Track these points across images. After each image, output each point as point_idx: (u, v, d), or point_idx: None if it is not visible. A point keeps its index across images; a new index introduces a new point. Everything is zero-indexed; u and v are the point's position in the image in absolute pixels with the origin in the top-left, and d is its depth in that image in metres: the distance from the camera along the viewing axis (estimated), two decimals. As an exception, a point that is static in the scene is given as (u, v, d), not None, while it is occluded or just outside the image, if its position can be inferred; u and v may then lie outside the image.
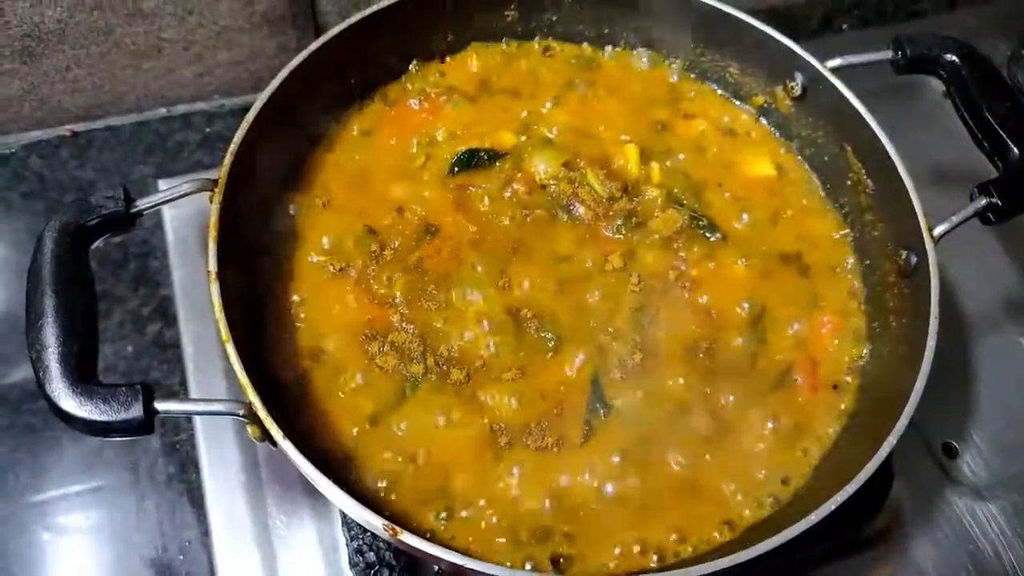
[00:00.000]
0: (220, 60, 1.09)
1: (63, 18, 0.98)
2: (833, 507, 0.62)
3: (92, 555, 0.86)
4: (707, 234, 0.85)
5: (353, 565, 0.78)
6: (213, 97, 1.13)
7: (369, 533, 0.78)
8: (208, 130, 1.12)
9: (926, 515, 0.87)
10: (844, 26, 1.32)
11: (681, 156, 0.90)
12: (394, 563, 0.77)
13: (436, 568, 0.74)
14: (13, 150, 1.08)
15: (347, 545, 0.79)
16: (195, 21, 1.04)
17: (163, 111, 1.13)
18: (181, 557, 0.85)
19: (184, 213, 0.98)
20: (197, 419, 0.89)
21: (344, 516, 0.81)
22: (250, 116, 0.78)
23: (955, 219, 0.74)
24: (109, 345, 0.96)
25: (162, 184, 1.04)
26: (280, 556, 0.82)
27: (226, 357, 0.67)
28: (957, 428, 0.92)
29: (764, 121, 0.95)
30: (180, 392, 0.92)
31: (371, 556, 0.77)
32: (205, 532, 0.85)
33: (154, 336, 0.97)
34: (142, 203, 0.72)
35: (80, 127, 1.11)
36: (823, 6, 1.31)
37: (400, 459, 0.73)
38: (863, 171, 0.85)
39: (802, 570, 0.81)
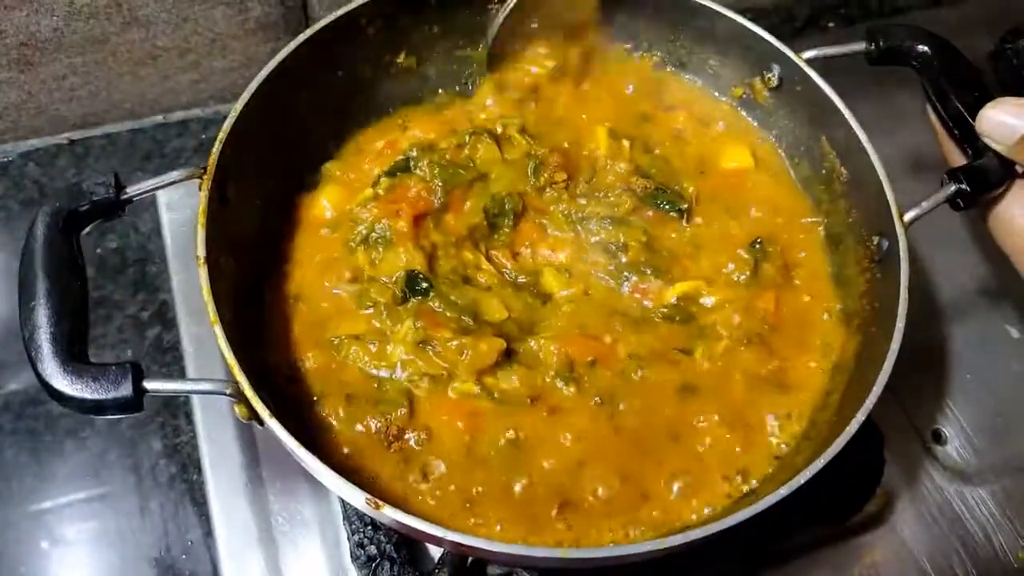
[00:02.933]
0: (215, 67, 1.11)
1: (59, 27, 0.99)
2: (803, 480, 0.63)
3: (96, 557, 0.87)
4: (669, 209, 0.87)
5: (355, 559, 0.79)
6: (209, 103, 1.15)
7: (369, 526, 0.80)
8: (204, 136, 1.13)
9: (917, 500, 0.89)
10: (830, 24, 1.34)
11: (657, 151, 0.92)
12: (395, 556, 0.78)
13: (438, 559, 0.75)
14: (11, 158, 1.09)
15: (348, 539, 0.80)
16: (190, 28, 1.05)
17: (159, 118, 1.14)
18: (184, 557, 0.86)
19: (182, 217, 0.99)
20: (199, 419, 0.90)
21: (345, 510, 0.82)
22: (238, 105, 0.79)
23: (925, 205, 0.75)
24: (109, 349, 0.97)
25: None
26: (283, 553, 0.83)
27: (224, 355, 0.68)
28: (945, 415, 0.94)
29: (744, 113, 0.96)
30: (182, 397, 0.94)
31: (372, 550, 0.79)
32: (208, 532, 0.86)
33: (153, 339, 0.98)
34: (132, 190, 0.74)
35: (77, 135, 1.12)
36: (809, 4, 1.34)
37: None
38: (837, 160, 0.86)
39: (795, 555, 0.83)
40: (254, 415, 0.67)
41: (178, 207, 1.00)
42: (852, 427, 0.65)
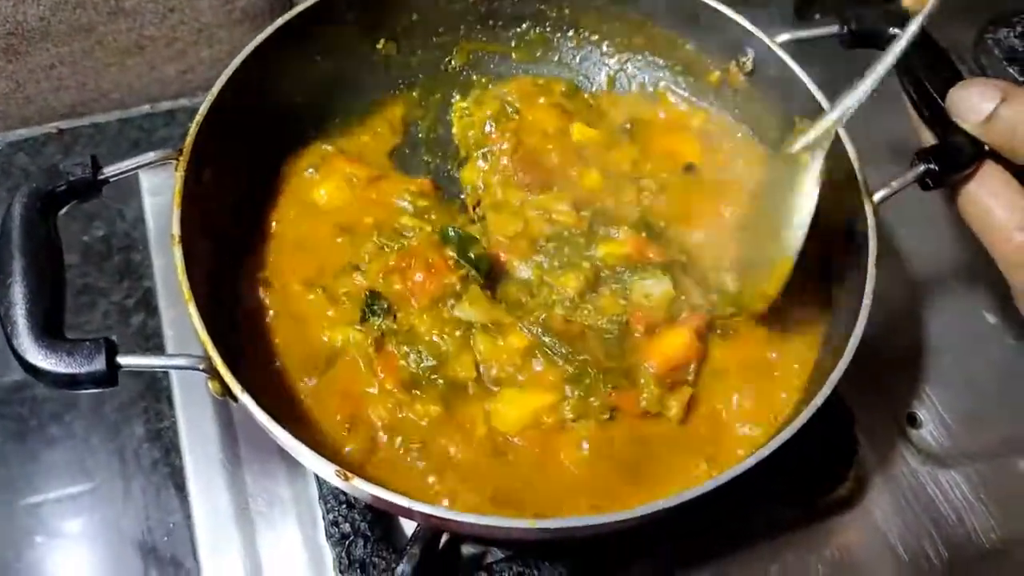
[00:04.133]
0: (202, 57, 1.12)
1: (45, 15, 1.00)
2: (767, 452, 0.64)
3: (81, 544, 0.87)
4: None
5: (329, 537, 0.80)
6: (196, 93, 1.15)
7: (344, 505, 0.80)
8: (191, 125, 1.14)
9: (890, 482, 0.89)
10: (816, 16, 1.34)
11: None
12: (369, 533, 0.79)
13: (411, 535, 0.76)
14: (0, 148, 1.10)
15: (323, 518, 0.81)
16: (176, 18, 1.06)
17: (147, 107, 1.15)
18: (166, 539, 0.87)
19: (165, 200, 0.99)
20: (178, 402, 0.91)
21: (320, 489, 0.82)
22: (215, 89, 0.81)
23: (895, 184, 0.76)
24: (92, 335, 0.97)
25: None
26: (260, 534, 0.84)
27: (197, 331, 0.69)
28: (920, 398, 0.94)
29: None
30: (162, 377, 0.94)
31: (346, 527, 0.79)
32: (188, 515, 0.87)
33: (138, 326, 0.99)
34: (109, 170, 0.74)
35: (65, 124, 1.13)
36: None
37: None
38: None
39: (768, 535, 0.83)
40: (227, 391, 0.68)
41: (161, 191, 1.01)
42: (817, 399, 0.66)
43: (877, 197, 0.76)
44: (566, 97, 0.98)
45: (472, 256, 0.80)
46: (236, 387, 0.66)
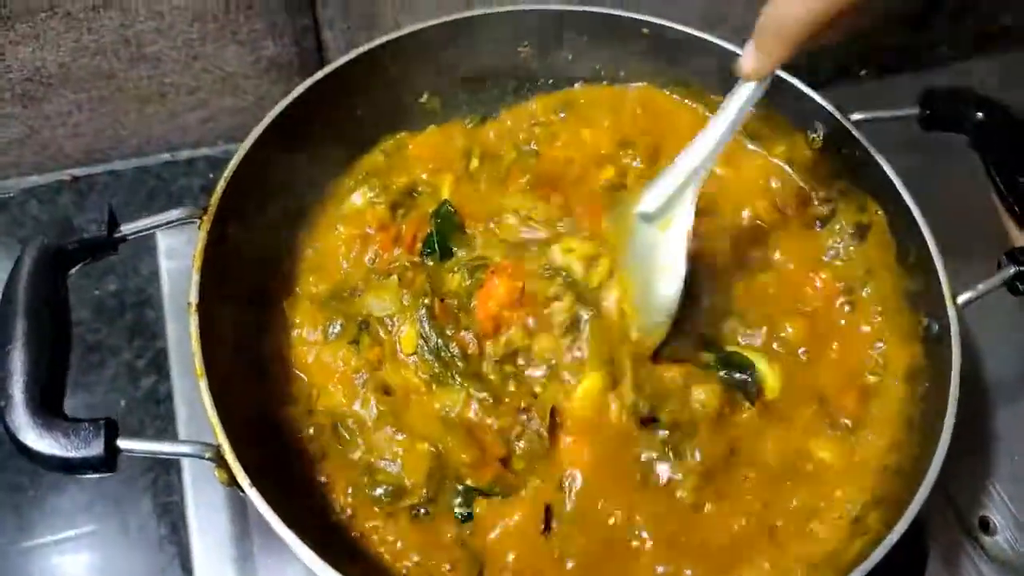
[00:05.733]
0: (225, 106, 1.07)
1: (65, 62, 0.96)
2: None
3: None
4: None
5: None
6: (217, 143, 1.11)
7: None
8: (212, 176, 1.09)
9: (962, 595, 0.82)
10: (862, 72, 1.28)
11: None
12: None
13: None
14: (12, 195, 1.06)
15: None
16: (200, 66, 1.02)
17: (166, 156, 1.11)
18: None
19: (181, 266, 0.94)
20: (187, 481, 0.85)
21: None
22: (247, 142, 0.76)
23: (981, 288, 0.70)
24: (100, 398, 0.93)
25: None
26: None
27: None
28: (993, 500, 0.87)
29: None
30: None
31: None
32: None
33: (148, 390, 0.93)
34: (127, 228, 0.70)
35: (80, 172, 1.08)
36: (832, 57, 1.27)
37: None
38: (885, 229, 0.81)
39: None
40: (235, 482, 0.62)
41: (178, 255, 0.95)
42: (893, 536, 0.60)
43: (961, 300, 0.70)
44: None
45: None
46: (245, 481, 0.61)
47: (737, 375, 0.75)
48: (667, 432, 0.72)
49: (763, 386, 0.76)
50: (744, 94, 0.69)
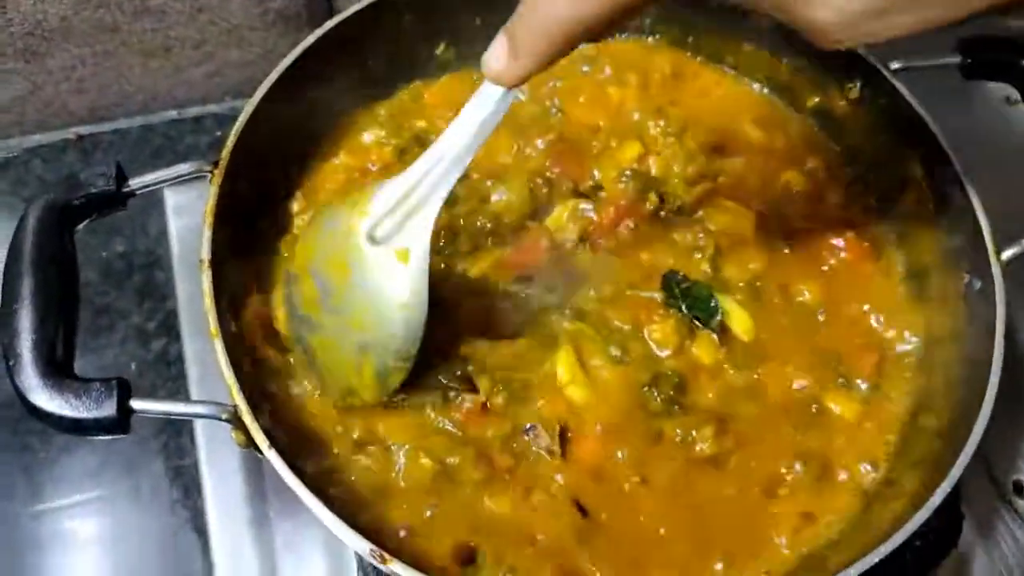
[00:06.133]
0: (232, 60, 1.04)
1: (67, 15, 0.92)
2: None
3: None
4: None
5: (369, 614, 0.72)
6: (224, 99, 1.08)
7: (387, 575, 0.72)
8: (219, 133, 1.06)
9: (996, 561, 0.79)
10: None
11: None
12: (413, 609, 0.70)
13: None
14: (16, 153, 1.03)
15: (364, 593, 0.73)
16: (205, 19, 0.98)
17: (173, 113, 1.08)
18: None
19: (191, 223, 0.92)
20: (200, 443, 0.83)
21: (360, 560, 0.74)
22: (258, 94, 0.73)
23: None
24: (111, 361, 0.91)
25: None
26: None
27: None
28: (1028, 464, 0.85)
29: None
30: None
31: (388, 600, 0.71)
32: (210, 570, 0.79)
33: (159, 352, 0.91)
34: (135, 182, 0.68)
35: (85, 130, 1.05)
36: None
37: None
38: (924, 183, 0.77)
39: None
40: (253, 443, 0.60)
41: (187, 213, 0.93)
42: (936, 498, 0.59)
43: (1006, 256, 0.67)
44: None
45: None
46: (264, 443, 0.59)
47: (698, 311, 0.72)
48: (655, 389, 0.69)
49: (728, 322, 0.73)
50: (489, 103, 0.57)
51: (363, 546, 0.57)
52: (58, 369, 0.60)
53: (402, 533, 0.64)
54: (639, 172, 0.81)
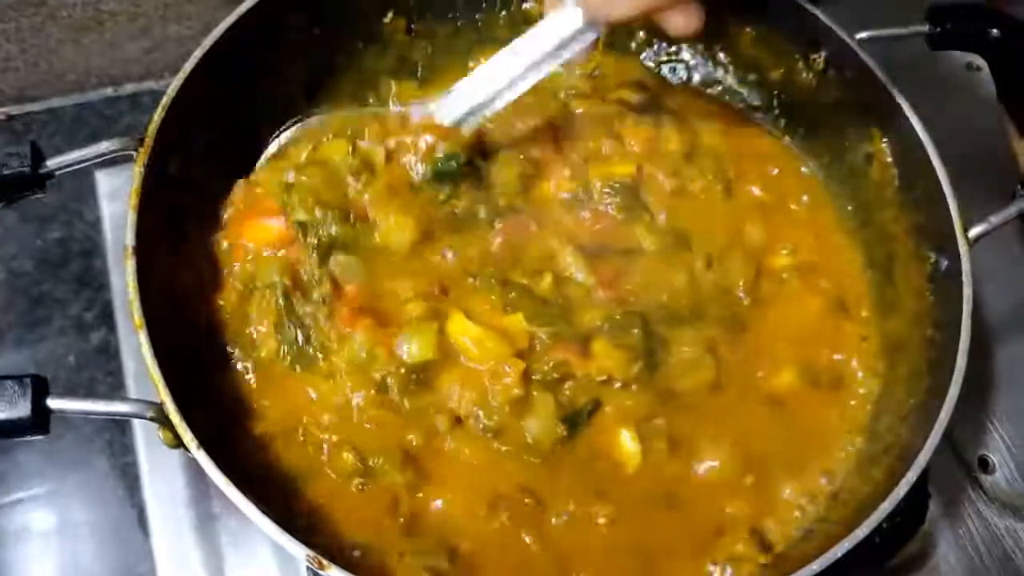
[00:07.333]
0: (169, 34, 0.99)
1: (-14, -14, 0.87)
2: (839, 553, 0.57)
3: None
4: None
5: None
6: (163, 75, 1.03)
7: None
8: (158, 111, 1.01)
9: (961, 537, 0.79)
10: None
11: None
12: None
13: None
14: (-60, 136, 0.98)
15: (310, 584, 0.70)
16: (139, -10, 0.93)
17: (109, 91, 1.03)
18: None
19: (124, 209, 0.87)
20: (139, 443, 0.79)
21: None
22: (187, 66, 0.69)
23: (994, 220, 0.66)
24: (47, 355, 0.86)
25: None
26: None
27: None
28: (993, 440, 0.84)
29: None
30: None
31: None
32: (153, 570, 0.76)
33: (98, 344, 0.87)
34: (53, 163, 0.63)
35: (15, 110, 1.00)
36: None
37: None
38: (888, 161, 0.76)
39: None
40: (181, 443, 0.57)
41: (120, 197, 0.88)
42: (901, 488, 0.57)
43: (973, 233, 0.66)
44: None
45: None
46: (192, 442, 0.56)
47: None
48: None
49: None
50: (569, 27, 0.63)
51: (300, 552, 0.54)
52: (-30, 365, 0.56)
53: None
54: None
